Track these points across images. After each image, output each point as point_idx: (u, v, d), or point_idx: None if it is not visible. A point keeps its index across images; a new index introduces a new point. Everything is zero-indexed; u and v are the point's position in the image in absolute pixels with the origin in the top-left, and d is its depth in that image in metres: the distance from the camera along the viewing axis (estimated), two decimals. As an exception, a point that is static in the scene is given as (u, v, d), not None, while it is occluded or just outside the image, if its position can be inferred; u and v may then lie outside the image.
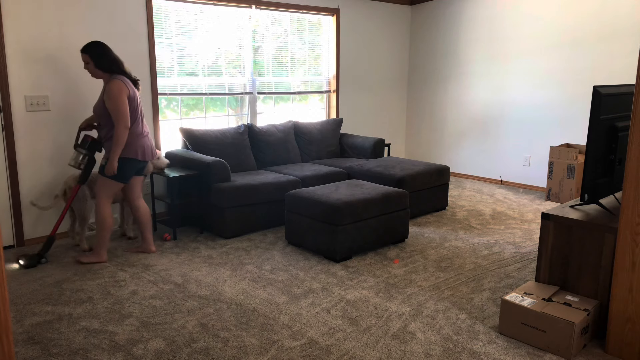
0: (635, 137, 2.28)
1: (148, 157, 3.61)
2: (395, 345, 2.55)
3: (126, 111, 3.39)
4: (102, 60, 3.42)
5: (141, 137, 3.54)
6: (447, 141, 6.72)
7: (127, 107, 3.39)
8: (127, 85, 3.43)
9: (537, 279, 2.85)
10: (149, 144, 3.61)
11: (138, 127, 3.53)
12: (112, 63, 3.44)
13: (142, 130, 3.56)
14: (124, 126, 3.38)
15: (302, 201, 3.84)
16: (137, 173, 3.68)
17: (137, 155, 3.53)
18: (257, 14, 5.34)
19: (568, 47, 5.40)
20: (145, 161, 3.62)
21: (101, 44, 3.45)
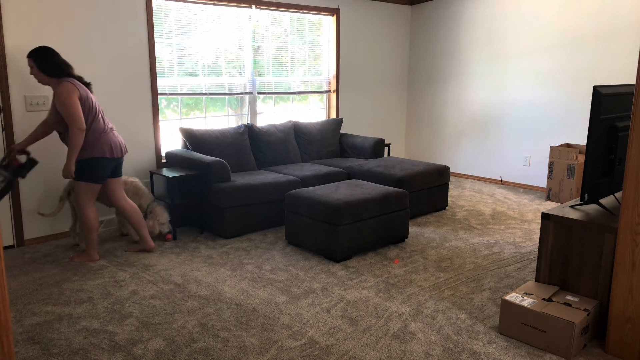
0: (635, 137, 2.28)
1: (117, 153, 3.52)
2: (395, 345, 2.55)
3: (78, 113, 3.30)
4: (45, 65, 3.33)
5: (105, 134, 3.47)
6: (447, 141, 6.72)
7: (78, 109, 3.30)
8: (77, 87, 3.35)
9: (537, 279, 2.85)
10: (116, 140, 3.53)
11: (99, 124, 3.45)
12: (57, 67, 3.35)
13: (104, 127, 3.48)
14: (77, 128, 3.30)
15: (302, 201, 3.83)
16: (113, 174, 3.64)
17: (105, 153, 3.46)
18: (257, 14, 5.35)
19: (568, 47, 5.40)
20: (116, 158, 3.53)
21: (46, 48, 3.36)
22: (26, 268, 3.59)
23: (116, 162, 3.57)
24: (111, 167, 3.54)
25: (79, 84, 3.39)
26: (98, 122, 3.45)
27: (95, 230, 3.62)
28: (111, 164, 3.52)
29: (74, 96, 3.30)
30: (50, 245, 4.09)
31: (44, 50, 3.36)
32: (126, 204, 3.74)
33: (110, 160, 3.51)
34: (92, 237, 3.63)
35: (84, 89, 3.42)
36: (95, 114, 3.44)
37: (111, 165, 3.53)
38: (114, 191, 3.69)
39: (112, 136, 3.51)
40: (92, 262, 3.67)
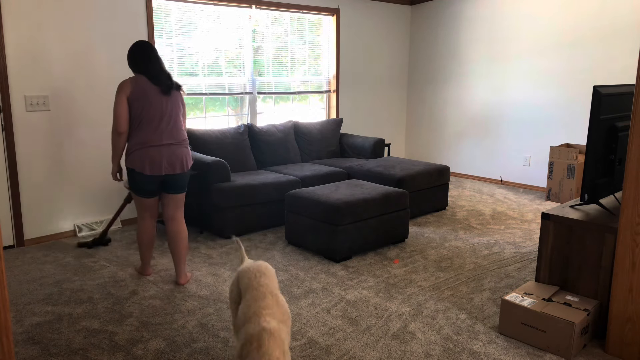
0: (635, 137, 2.28)
1: (154, 170, 3.04)
2: (395, 345, 2.55)
3: (117, 113, 2.99)
4: (129, 62, 3.14)
5: (144, 147, 3.02)
6: (447, 141, 6.72)
7: (120, 109, 2.99)
8: (133, 85, 3.02)
9: (537, 279, 2.85)
10: (157, 155, 3.03)
11: (143, 133, 3.02)
12: (132, 62, 3.12)
13: (147, 139, 3.02)
14: (114, 130, 3.03)
15: (302, 201, 3.83)
16: (165, 189, 3.19)
17: (135, 166, 3.04)
18: (257, 14, 5.35)
19: (568, 47, 5.40)
20: (153, 175, 3.06)
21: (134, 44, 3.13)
22: (26, 268, 3.59)
23: (157, 179, 3.10)
24: (151, 183, 3.09)
25: (140, 83, 3.03)
26: (142, 130, 3.03)
27: (144, 246, 3.30)
28: (147, 179, 3.07)
29: (120, 94, 3.00)
30: (50, 245, 4.09)
31: (130, 47, 3.14)
32: (171, 226, 3.25)
33: (144, 175, 3.05)
34: (141, 251, 3.35)
35: (142, 90, 3.02)
36: (142, 120, 3.02)
37: (150, 181, 3.08)
38: (163, 207, 3.27)
39: (153, 151, 3.02)
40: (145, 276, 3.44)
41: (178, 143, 3.13)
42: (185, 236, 3.29)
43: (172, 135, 3.10)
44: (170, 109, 3.10)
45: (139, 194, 3.16)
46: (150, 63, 3.09)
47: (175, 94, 3.15)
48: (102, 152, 4.40)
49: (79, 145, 4.26)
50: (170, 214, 3.26)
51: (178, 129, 3.14)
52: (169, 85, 3.10)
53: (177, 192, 3.22)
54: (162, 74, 3.11)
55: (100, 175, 4.41)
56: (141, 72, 3.09)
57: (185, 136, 3.20)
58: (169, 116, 3.09)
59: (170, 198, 3.22)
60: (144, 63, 3.08)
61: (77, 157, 4.27)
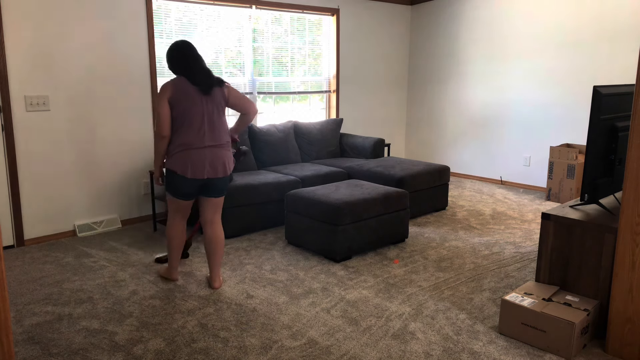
0: (635, 137, 2.28)
1: (196, 173, 2.95)
2: (395, 345, 2.55)
3: (160, 115, 2.91)
4: (169, 64, 3.06)
5: (187, 150, 2.93)
6: (447, 141, 6.72)
7: (162, 111, 2.91)
8: (175, 86, 2.94)
9: (537, 279, 2.85)
10: (199, 158, 2.95)
11: (184, 135, 2.94)
12: (172, 64, 3.03)
13: (189, 141, 2.94)
14: (157, 133, 2.94)
15: (302, 201, 3.83)
16: (203, 193, 3.11)
17: (177, 169, 2.95)
18: (257, 14, 5.34)
19: (568, 47, 5.40)
20: (194, 179, 2.98)
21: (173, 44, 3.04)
22: (26, 268, 3.59)
23: (198, 182, 3.02)
24: (191, 186, 3.02)
25: (180, 85, 2.95)
26: (184, 132, 2.95)
27: (176, 248, 3.23)
28: (188, 182, 2.99)
29: (162, 97, 2.92)
30: (50, 245, 4.09)
31: (169, 48, 3.05)
32: (209, 229, 3.18)
33: (185, 179, 2.98)
34: (171, 254, 3.25)
35: (184, 92, 2.94)
36: (184, 122, 2.95)
37: (190, 184, 3.01)
38: (201, 210, 3.19)
39: (196, 154, 2.95)
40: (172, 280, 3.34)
41: (220, 145, 3.03)
42: (222, 240, 3.23)
43: (214, 137, 3.00)
44: (211, 110, 3.00)
45: (176, 196, 3.06)
46: (189, 63, 2.99)
47: (216, 92, 3.03)
48: (102, 152, 4.40)
49: (79, 145, 4.26)
50: (209, 218, 3.17)
51: (220, 130, 3.04)
52: (209, 84, 2.99)
53: (218, 196, 3.14)
54: (201, 72, 3.00)
55: (100, 175, 4.41)
56: (181, 74, 3.00)
57: (227, 138, 3.09)
58: (210, 117, 2.99)
59: (209, 202, 3.14)
60: (183, 64, 2.99)
61: (77, 157, 4.27)
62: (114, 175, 4.50)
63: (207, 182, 3.04)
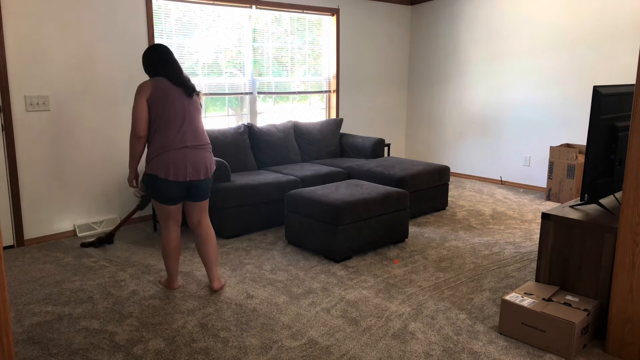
0: (635, 137, 2.28)
1: (178, 176, 2.87)
2: (395, 345, 2.55)
3: (137, 116, 2.84)
4: (143, 64, 3.02)
5: (168, 152, 2.85)
6: (447, 141, 6.72)
7: (139, 112, 2.84)
8: (153, 86, 2.88)
9: (537, 279, 2.85)
10: (181, 159, 2.86)
11: (164, 137, 2.86)
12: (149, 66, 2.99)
13: (169, 142, 2.86)
14: (133, 134, 2.88)
15: (302, 201, 3.83)
16: (188, 197, 3.04)
17: (158, 172, 2.86)
18: (257, 14, 5.35)
19: (568, 47, 5.40)
20: (176, 181, 2.89)
21: (150, 47, 3.00)
22: (26, 268, 3.59)
23: (181, 185, 2.93)
24: (175, 189, 2.92)
25: (160, 85, 2.89)
26: (164, 133, 2.87)
27: (171, 256, 3.11)
28: (172, 186, 2.90)
29: (140, 96, 2.85)
30: (50, 245, 4.09)
31: (145, 50, 3.01)
32: (198, 231, 3.11)
33: (168, 182, 2.88)
34: (167, 262, 3.14)
35: (164, 91, 2.88)
36: (163, 122, 2.87)
37: (173, 188, 2.91)
38: (187, 214, 3.12)
39: (177, 155, 2.86)
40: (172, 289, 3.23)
41: (202, 146, 2.96)
42: (213, 239, 3.14)
43: (196, 137, 2.94)
44: (192, 111, 2.96)
45: (163, 202, 2.96)
46: (170, 66, 2.96)
47: (194, 97, 3.02)
48: (102, 152, 4.40)
49: (79, 145, 4.26)
50: (196, 220, 3.10)
51: (201, 131, 2.99)
52: (191, 87, 2.99)
53: (202, 200, 3.07)
54: (182, 75, 2.99)
55: (100, 175, 4.41)
56: (161, 74, 2.95)
57: (207, 139, 3.04)
58: (190, 118, 2.94)
59: (194, 206, 3.07)
60: (164, 66, 2.94)
61: (77, 157, 4.27)
62: (114, 175, 4.50)
63: (191, 184, 2.96)
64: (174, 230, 3.08)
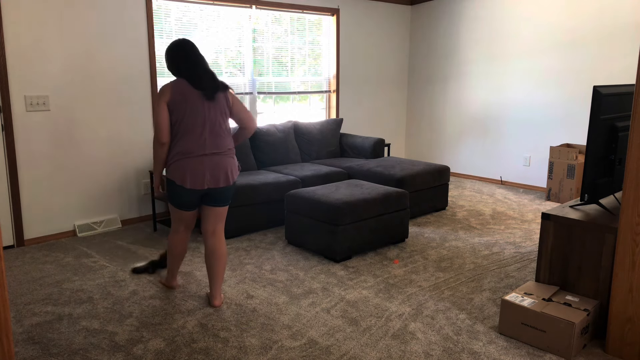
0: (635, 137, 2.28)
1: (195, 184, 2.75)
2: (395, 345, 2.55)
3: (158, 121, 2.71)
4: (166, 63, 2.86)
5: (186, 158, 2.73)
6: (447, 141, 6.72)
7: (161, 117, 2.71)
8: (174, 89, 2.73)
9: (537, 279, 2.85)
10: (199, 167, 2.74)
11: (181, 143, 2.74)
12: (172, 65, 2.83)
13: (187, 149, 2.73)
14: (156, 140, 2.75)
15: (302, 201, 3.83)
16: (205, 202, 2.91)
17: (176, 178, 2.76)
18: (257, 14, 5.34)
19: (568, 47, 5.40)
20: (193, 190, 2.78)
21: (172, 43, 2.83)
22: (26, 268, 3.59)
23: (199, 192, 2.82)
24: (192, 195, 2.82)
25: (180, 88, 2.74)
26: (183, 139, 2.74)
27: (176, 257, 3.08)
28: (187, 192, 2.80)
29: (160, 101, 2.72)
30: (50, 245, 4.09)
31: (168, 47, 2.83)
32: (209, 241, 2.97)
33: (184, 189, 2.78)
34: (171, 262, 3.11)
35: (183, 95, 2.73)
36: (183, 128, 2.74)
37: (189, 194, 2.81)
38: (203, 220, 2.98)
39: (195, 163, 2.74)
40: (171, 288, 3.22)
41: (223, 153, 2.81)
42: (225, 254, 2.98)
43: (216, 144, 2.78)
44: (213, 116, 2.78)
45: (177, 207, 2.88)
46: (191, 64, 2.78)
47: (220, 98, 2.82)
48: (102, 152, 4.40)
49: (79, 145, 4.27)
50: (211, 228, 2.95)
51: (222, 137, 2.82)
52: (213, 88, 2.78)
53: (221, 205, 2.92)
54: (206, 75, 2.79)
55: (100, 175, 4.41)
56: (182, 76, 2.78)
57: (231, 144, 2.87)
58: (212, 124, 2.77)
59: (211, 211, 2.92)
60: (184, 65, 2.77)
61: (77, 157, 4.27)
62: (114, 175, 4.50)
63: (209, 190, 2.83)
64: (184, 234, 3.02)
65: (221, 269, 2.97)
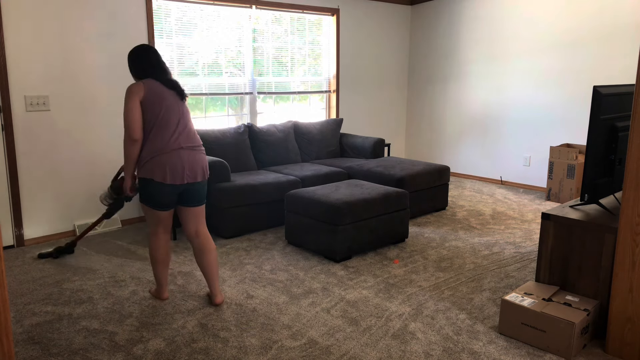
0: (635, 137, 2.28)
1: (175, 179, 2.76)
2: (395, 345, 2.55)
3: (131, 118, 2.72)
4: (130, 65, 2.90)
5: (163, 154, 2.75)
6: (447, 141, 6.72)
7: (134, 114, 2.73)
8: (146, 88, 2.77)
9: (537, 279, 2.85)
10: (178, 162, 2.76)
11: (159, 139, 2.76)
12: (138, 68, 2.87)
13: (164, 145, 2.76)
14: (128, 137, 2.74)
15: (302, 201, 3.83)
16: (182, 202, 2.91)
17: (154, 176, 2.74)
18: (257, 14, 5.34)
19: (568, 47, 5.40)
20: (173, 185, 2.78)
21: (136, 48, 2.89)
22: (26, 268, 3.59)
23: (177, 188, 2.82)
24: (170, 193, 2.81)
25: (152, 86, 2.79)
26: (159, 136, 2.76)
27: (160, 264, 2.98)
28: (166, 190, 2.78)
29: (133, 98, 2.73)
30: (50, 245, 4.09)
31: (133, 50, 2.89)
32: (195, 241, 2.97)
33: (164, 185, 2.76)
34: (156, 271, 3.00)
35: (157, 93, 2.79)
36: (157, 125, 2.77)
37: (168, 192, 2.79)
38: (183, 222, 2.97)
39: (173, 157, 2.76)
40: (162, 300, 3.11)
41: (197, 148, 2.87)
42: (213, 249, 2.98)
43: (190, 139, 2.85)
44: (185, 114, 2.89)
45: (154, 207, 2.83)
46: (159, 69, 2.87)
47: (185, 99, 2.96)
48: (102, 152, 4.40)
49: (79, 145, 4.27)
50: (194, 230, 2.96)
51: (194, 133, 2.91)
52: (182, 90, 2.91)
53: (198, 204, 2.93)
54: (172, 79, 2.92)
55: (100, 175, 4.41)
56: (151, 76, 2.84)
57: (200, 141, 2.95)
58: (185, 120, 2.86)
59: (190, 212, 2.93)
60: (153, 68, 2.85)
61: (77, 157, 4.27)
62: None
63: (186, 188, 2.84)
64: (164, 237, 2.96)
65: (214, 265, 2.98)
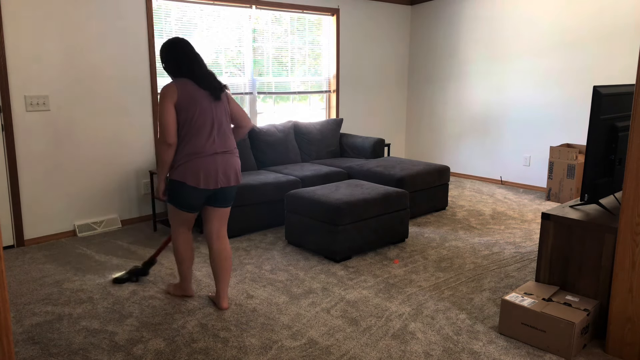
0: (635, 137, 2.28)
1: (208, 184, 2.72)
2: (395, 345, 2.55)
3: (166, 122, 2.65)
4: (163, 62, 2.81)
5: (198, 158, 2.70)
6: (447, 141, 6.72)
7: (168, 117, 2.66)
8: (179, 89, 2.69)
9: (537, 279, 2.85)
10: (211, 167, 2.72)
11: (194, 142, 2.70)
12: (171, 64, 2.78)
13: (199, 149, 2.70)
14: (162, 140, 2.68)
15: (302, 201, 3.83)
16: (209, 203, 2.88)
17: (187, 179, 2.70)
18: (257, 14, 5.34)
19: (568, 47, 5.40)
20: (206, 189, 2.75)
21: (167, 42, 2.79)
22: (26, 268, 3.59)
23: (209, 192, 2.79)
24: (200, 196, 2.78)
25: (186, 88, 2.71)
26: (193, 140, 2.71)
27: (185, 262, 2.98)
28: (197, 193, 2.75)
29: (167, 101, 2.66)
30: (50, 245, 4.09)
31: (164, 45, 2.78)
32: (214, 244, 2.93)
33: (196, 190, 2.74)
34: (180, 268, 3.01)
35: (191, 96, 2.70)
36: (192, 127, 2.71)
37: (199, 195, 2.77)
38: (206, 222, 2.94)
39: (208, 162, 2.72)
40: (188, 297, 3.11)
41: (230, 152, 2.82)
42: (230, 254, 2.96)
43: (225, 143, 2.79)
44: (220, 115, 2.79)
45: (183, 209, 2.82)
46: (193, 65, 2.75)
47: (222, 97, 2.83)
48: (102, 152, 4.40)
49: (79, 145, 4.27)
50: (215, 231, 2.92)
51: (229, 136, 2.84)
52: (218, 89, 2.79)
53: (226, 206, 2.91)
54: (209, 76, 2.79)
55: (100, 175, 4.41)
56: (184, 76, 2.75)
57: (235, 144, 2.88)
58: (219, 123, 2.78)
59: (215, 212, 2.89)
60: (187, 65, 2.74)
61: (77, 157, 4.27)
62: (114, 175, 4.50)
63: (217, 191, 2.81)
64: (187, 234, 2.97)
65: (228, 271, 2.96)
